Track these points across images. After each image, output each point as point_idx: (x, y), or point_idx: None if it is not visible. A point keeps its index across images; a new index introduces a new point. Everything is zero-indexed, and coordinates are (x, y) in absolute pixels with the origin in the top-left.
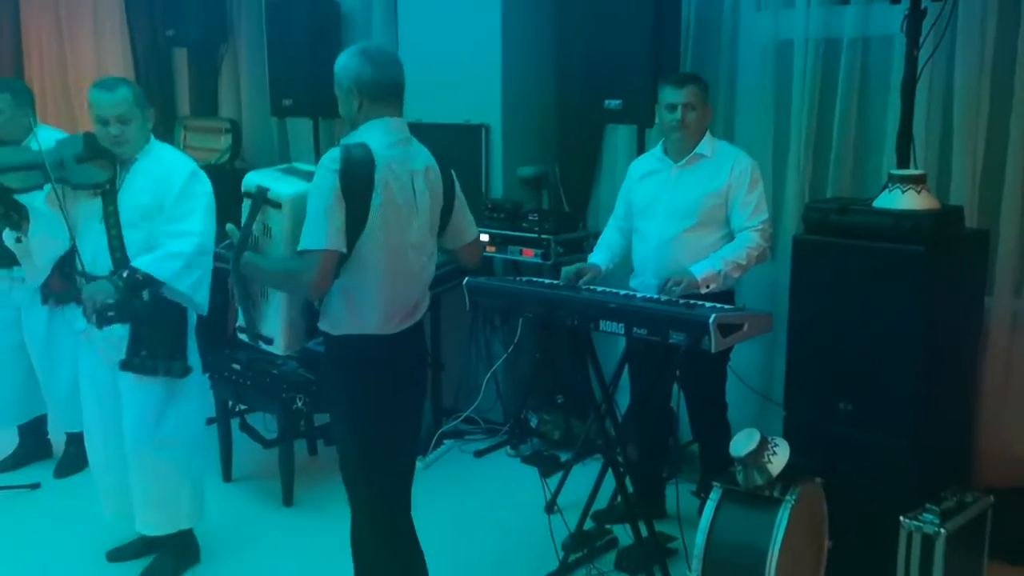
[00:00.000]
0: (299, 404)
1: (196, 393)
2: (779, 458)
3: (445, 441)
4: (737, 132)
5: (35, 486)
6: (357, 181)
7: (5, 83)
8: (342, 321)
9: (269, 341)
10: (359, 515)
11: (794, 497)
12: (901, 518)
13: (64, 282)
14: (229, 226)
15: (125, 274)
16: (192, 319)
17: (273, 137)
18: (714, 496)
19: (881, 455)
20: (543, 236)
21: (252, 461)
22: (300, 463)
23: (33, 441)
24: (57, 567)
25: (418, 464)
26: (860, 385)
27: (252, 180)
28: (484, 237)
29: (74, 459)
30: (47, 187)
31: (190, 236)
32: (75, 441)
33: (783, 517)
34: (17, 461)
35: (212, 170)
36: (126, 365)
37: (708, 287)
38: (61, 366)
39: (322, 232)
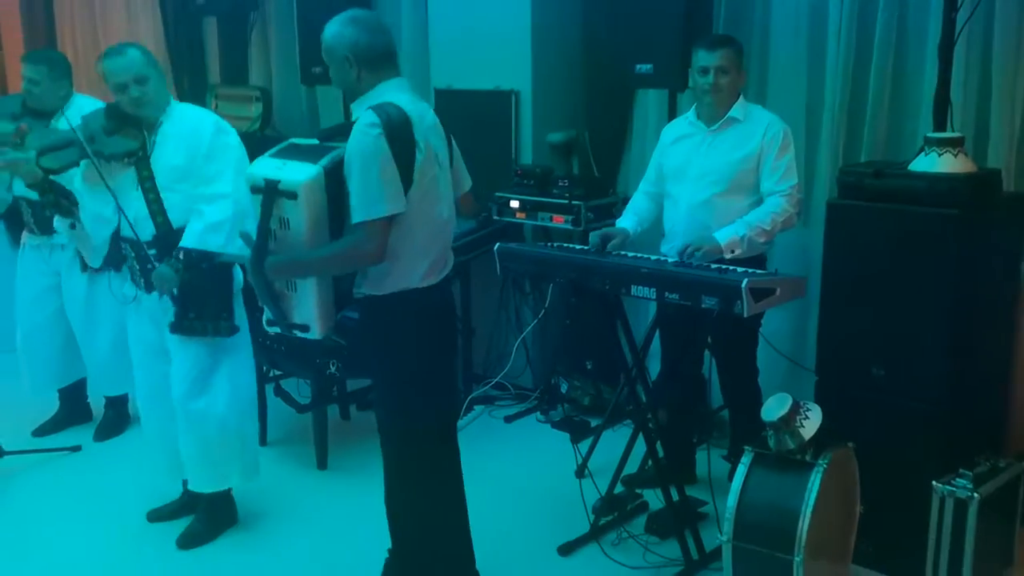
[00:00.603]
0: (332, 369)
1: (244, 352)
2: (811, 423)
3: (475, 407)
4: (769, 95)
5: (76, 448)
6: (401, 141)
7: (42, 54)
8: (387, 279)
9: (305, 328)
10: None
11: (826, 461)
12: (934, 483)
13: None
14: (243, 234)
15: (181, 256)
16: (239, 280)
17: (303, 105)
18: (745, 460)
19: (914, 420)
20: (573, 202)
21: (286, 426)
22: (333, 428)
23: (73, 405)
24: (99, 526)
25: None
26: (893, 350)
27: (257, 173)
28: (514, 203)
29: (113, 422)
30: (83, 164)
31: (224, 199)
32: (114, 405)
33: (815, 481)
34: (57, 424)
35: (243, 138)
36: (176, 327)
37: (732, 252)
38: (100, 331)
39: (380, 198)
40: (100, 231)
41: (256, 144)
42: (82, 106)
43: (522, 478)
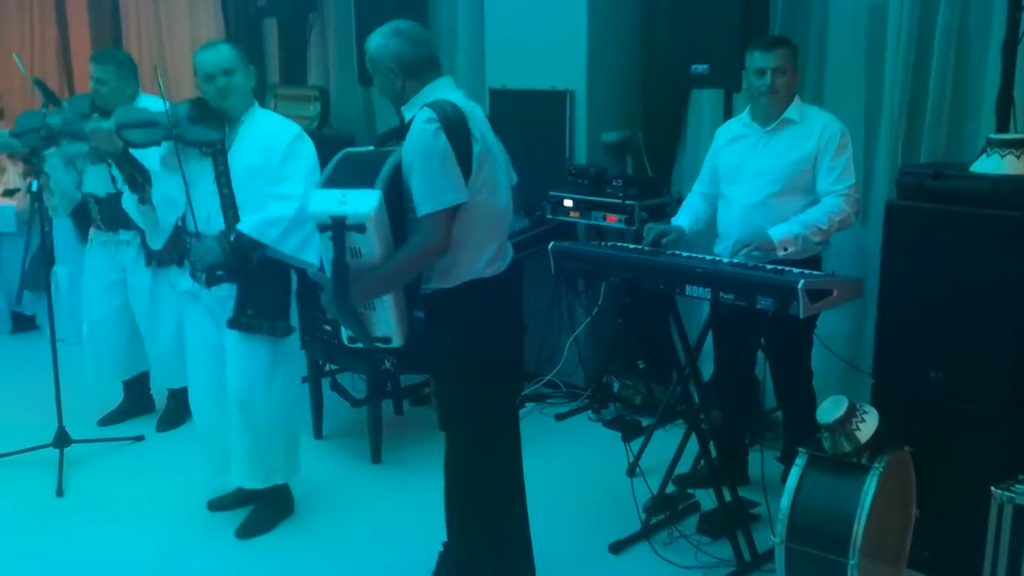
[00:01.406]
0: (387, 365)
1: (295, 353)
2: (868, 425)
3: (527, 404)
4: (827, 95)
5: (139, 438)
6: (458, 133)
7: (109, 54)
8: (453, 271)
9: (387, 340)
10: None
11: (882, 464)
12: (992, 488)
13: (170, 244)
14: (311, 272)
15: (232, 237)
16: (294, 282)
17: (359, 104)
18: (800, 462)
19: (972, 425)
20: (627, 201)
21: (342, 420)
22: (387, 422)
23: (136, 396)
24: (159, 514)
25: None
26: (952, 354)
27: (321, 211)
28: (567, 202)
29: (175, 413)
30: (164, 145)
31: (290, 199)
32: (175, 396)
33: (871, 484)
34: (121, 415)
35: None
36: (233, 323)
37: (786, 250)
38: (163, 325)
39: (445, 189)
40: (167, 214)
41: (314, 144)
42: (147, 105)
43: (573, 476)
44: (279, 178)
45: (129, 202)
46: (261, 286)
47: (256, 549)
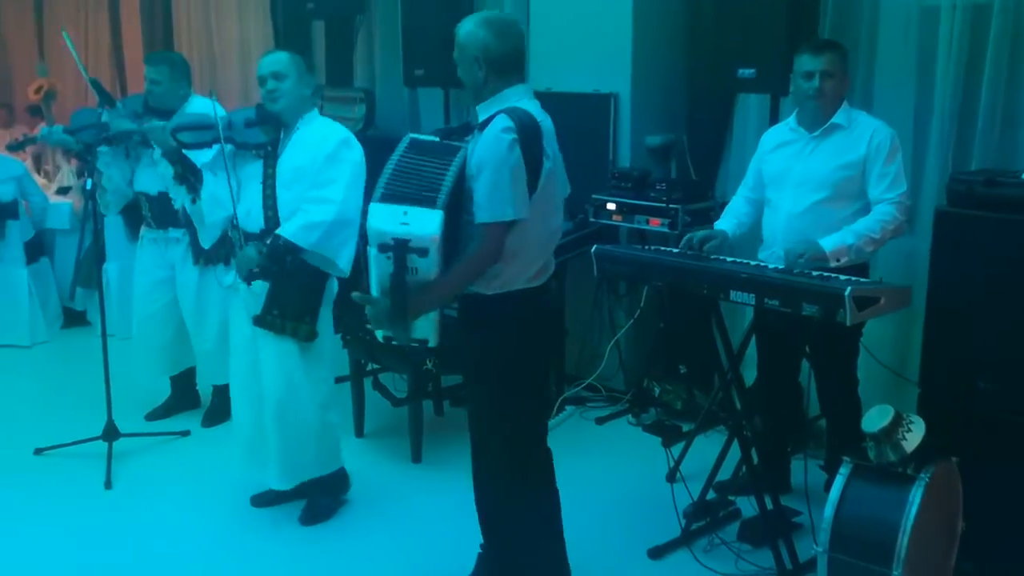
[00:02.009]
0: (428, 365)
1: (328, 354)
2: (914, 435)
3: (567, 407)
4: (876, 100)
5: (185, 433)
6: (531, 148)
7: (163, 55)
8: (496, 280)
9: (424, 343)
10: (497, 473)
11: (928, 475)
12: None
13: (217, 243)
14: (355, 295)
15: (268, 241)
16: (333, 288)
17: (405, 106)
18: (844, 471)
19: (1021, 436)
20: (671, 205)
21: (383, 419)
22: (428, 422)
23: (182, 392)
24: (205, 509)
25: None
26: (1002, 364)
27: (384, 231)
28: (610, 205)
29: (219, 409)
30: (215, 147)
31: (330, 204)
32: (220, 392)
33: (916, 495)
34: (168, 410)
35: None
36: (258, 320)
37: (838, 261)
38: (209, 322)
39: (507, 203)
40: (215, 212)
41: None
42: (199, 106)
43: (613, 480)
44: (320, 182)
45: (181, 199)
46: (291, 287)
47: (295, 545)
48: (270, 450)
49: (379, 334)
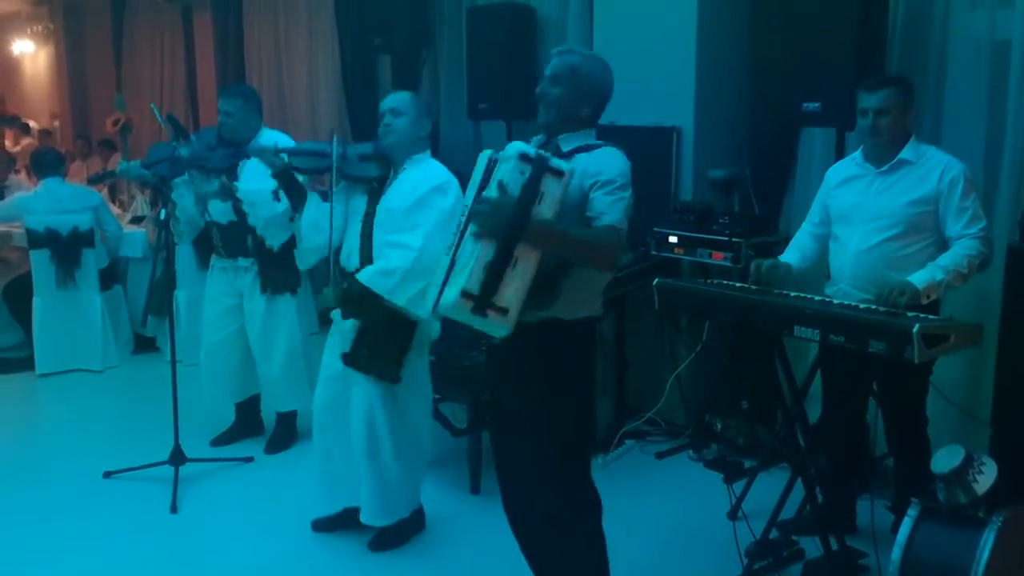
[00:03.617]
0: (488, 396)
1: (415, 405)
2: (985, 477)
3: (626, 441)
4: (944, 135)
5: (249, 459)
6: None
7: (237, 89)
8: (581, 305)
9: (504, 312)
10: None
11: (1000, 519)
12: None
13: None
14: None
15: (345, 285)
16: (434, 332)
17: (469, 140)
18: (912, 512)
19: None
20: (734, 239)
21: (443, 448)
22: (487, 453)
23: (247, 418)
24: (268, 533)
25: (598, 462)
26: None
27: (524, 147)
28: (672, 239)
29: (282, 436)
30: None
31: (408, 251)
32: (284, 420)
33: (988, 539)
34: (232, 436)
35: None
36: (346, 358)
37: (928, 297)
38: (275, 350)
39: (625, 216)
40: (312, 237)
41: None
42: (269, 139)
43: (672, 516)
44: (404, 226)
45: (281, 208)
46: (379, 329)
47: (356, 572)
48: (365, 490)
49: (444, 301)
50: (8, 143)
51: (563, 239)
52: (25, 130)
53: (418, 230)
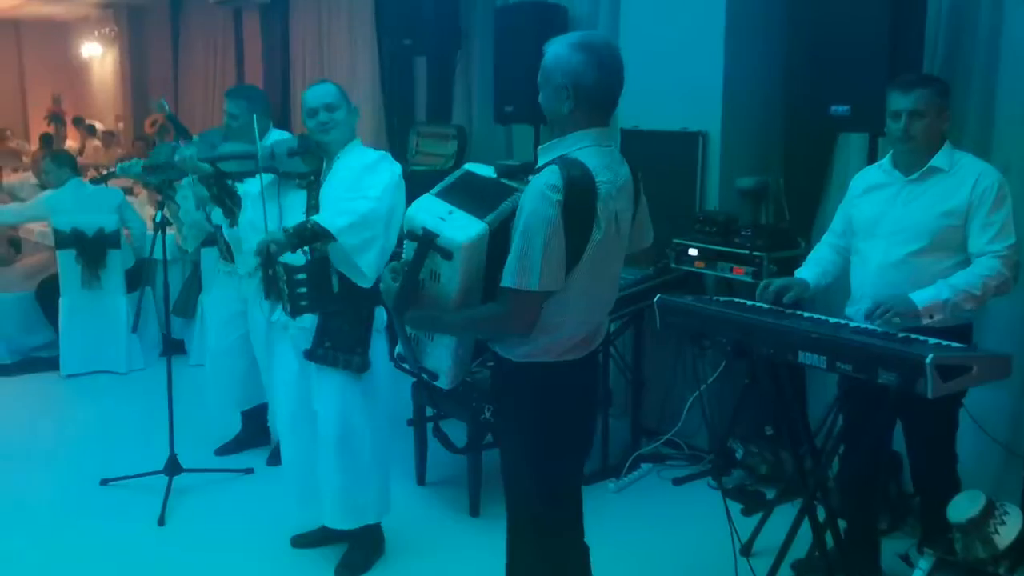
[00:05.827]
0: (487, 415)
1: (381, 388)
2: (1008, 528)
3: (643, 464)
4: (994, 144)
5: (249, 471)
6: (579, 214)
7: (242, 90)
8: (525, 348)
9: (434, 376)
10: (523, 542)
11: None
12: None
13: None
14: (392, 264)
15: (292, 226)
16: (381, 317)
17: (500, 143)
18: (923, 565)
19: None
20: (755, 253)
21: (444, 467)
22: (489, 473)
23: (254, 428)
24: (250, 549)
25: (611, 486)
26: None
27: (417, 219)
28: (692, 251)
29: None
30: (265, 177)
31: (364, 200)
32: None
33: None
34: (238, 445)
35: (436, 175)
36: (309, 354)
37: (931, 318)
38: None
39: (535, 271)
40: (250, 237)
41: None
42: (276, 139)
43: (683, 548)
44: (360, 187)
45: (217, 219)
46: (340, 319)
47: None
48: (328, 489)
49: (396, 349)
50: (73, 144)
51: (437, 325)
52: (91, 131)
53: (374, 188)
